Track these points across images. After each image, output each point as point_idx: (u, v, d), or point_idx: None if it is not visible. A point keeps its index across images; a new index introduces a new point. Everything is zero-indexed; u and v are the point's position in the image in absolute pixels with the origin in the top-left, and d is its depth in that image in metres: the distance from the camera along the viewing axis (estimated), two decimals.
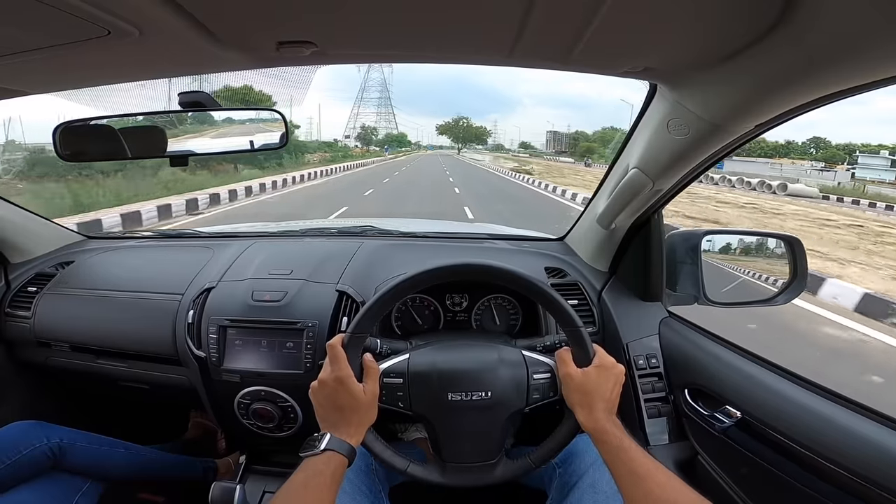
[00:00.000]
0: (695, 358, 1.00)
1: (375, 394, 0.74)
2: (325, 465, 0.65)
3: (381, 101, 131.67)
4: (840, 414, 0.73)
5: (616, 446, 0.68)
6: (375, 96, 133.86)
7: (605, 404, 0.73)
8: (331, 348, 0.73)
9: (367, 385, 0.73)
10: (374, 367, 0.76)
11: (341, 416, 0.71)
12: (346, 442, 0.68)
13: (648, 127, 0.87)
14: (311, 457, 0.66)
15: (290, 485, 0.62)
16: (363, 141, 79.05)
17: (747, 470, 0.84)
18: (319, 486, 0.62)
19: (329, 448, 0.66)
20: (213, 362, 1.12)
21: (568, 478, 0.86)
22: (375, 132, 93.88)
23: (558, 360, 0.78)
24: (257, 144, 1.06)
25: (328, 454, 0.66)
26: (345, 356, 0.73)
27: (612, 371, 0.76)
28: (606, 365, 0.76)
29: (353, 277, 1.20)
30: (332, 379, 0.71)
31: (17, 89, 0.77)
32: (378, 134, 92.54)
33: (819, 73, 0.54)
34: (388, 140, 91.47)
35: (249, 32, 0.60)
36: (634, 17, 0.53)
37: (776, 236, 1.17)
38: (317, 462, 0.65)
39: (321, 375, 0.72)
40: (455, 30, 0.60)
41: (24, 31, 0.53)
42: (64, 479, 1.03)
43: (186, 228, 1.74)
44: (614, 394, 0.75)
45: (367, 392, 0.73)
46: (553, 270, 1.26)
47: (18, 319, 1.28)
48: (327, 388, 0.71)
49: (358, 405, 0.71)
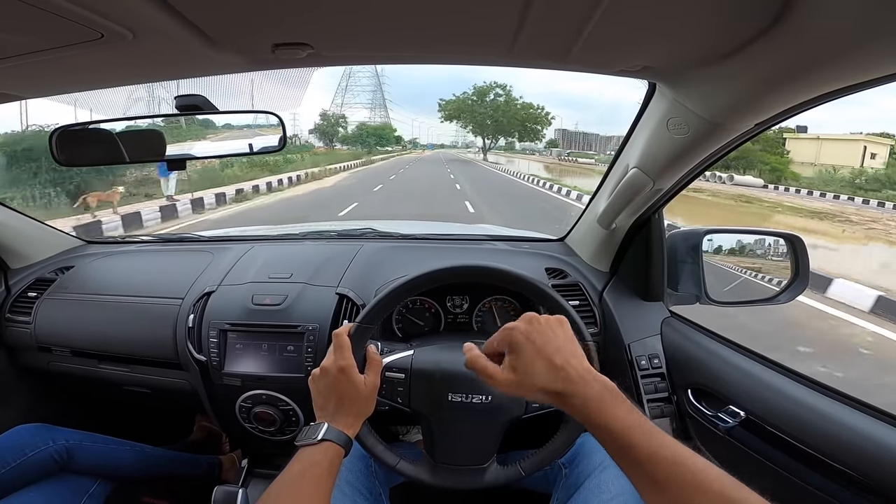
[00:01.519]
0: (698, 358, 0.99)
1: (376, 386, 0.74)
2: (322, 455, 0.63)
3: (373, 94, 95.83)
4: (845, 413, 0.72)
5: (622, 438, 0.51)
6: (365, 83, 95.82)
7: (573, 359, 0.57)
8: (336, 336, 0.72)
9: (369, 377, 0.73)
10: (377, 360, 0.75)
11: (340, 406, 0.70)
12: (343, 433, 0.67)
13: (648, 126, 0.87)
14: (307, 446, 0.64)
15: (285, 475, 0.60)
16: (324, 136, 52.47)
17: (752, 470, 0.83)
18: (316, 476, 0.60)
19: (326, 438, 0.64)
20: (213, 366, 1.11)
21: (574, 478, 0.86)
22: (344, 122, 57.86)
23: (486, 378, 0.60)
24: (256, 147, 1.05)
25: (325, 444, 0.64)
26: (350, 346, 0.72)
27: (521, 341, 0.58)
28: (510, 341, 0.59)
29: (353, 280, 1.20)
30: (336, 368, 0.70)
31: (10, 93, 0.77)
32: (347, 126, 57.82)
33: (819, 70, 0.54)
34: (362, 135, 58.95)
35: (244, 35, 0.59)
36: (632, 15, 0.53)
37: (777, 235, 1.16)
38: (314, 452, 0.63)
39: (324, 363, 0.71)
40: (452, 31, 0.60)
41: (17, 35, 0.53)
42: (71, 480, 1.03)
43: (186, 233, 1.73)
44: (571, 341, 0.60)
45: (367, 384, 0.72)
46: (554, 271, 1.25)
47: (19, 325, 1.28)
48: (329, 377, 0.70)
49: (358, 396, 0.70)
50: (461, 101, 57.57)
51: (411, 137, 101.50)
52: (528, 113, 57.64)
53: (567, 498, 0.84)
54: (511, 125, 57.32)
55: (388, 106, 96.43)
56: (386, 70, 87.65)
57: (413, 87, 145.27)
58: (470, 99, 57.20)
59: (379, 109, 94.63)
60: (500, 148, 70.32)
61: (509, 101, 57.24)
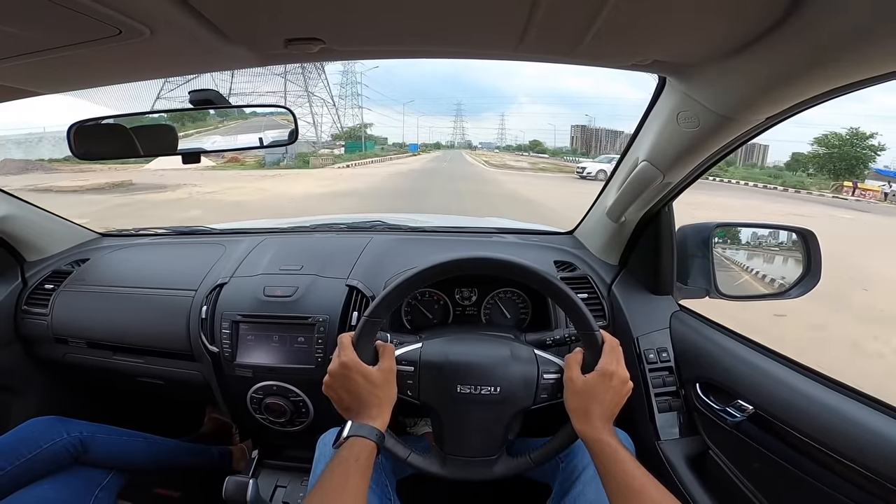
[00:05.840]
0: (706, 352, 0.99)
1: (392, 370, 0.76)
2: (348, 451, 0.66)
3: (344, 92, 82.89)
4: (853, 409, 0.72)
5: (611, 457, 0.67)
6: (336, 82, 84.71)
7: (601, 412, 0.71)
8: (338, 339, 0.76)
9: (383, 363, 0.75)
10: (388, 345, 0.78)
11: (358, 402, 0.72)
12: (366, 425, 0.70)
13: (658, 119, 0.86)
14: (338, 448, 0.68)
15: (319, 478, 0.65)
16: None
17: (759, 465, 0.83)
18: (344, 472, 0.64)
19: (350, 434, 0.68)
20: (226, 357, 1.13)
21: (570, 472, 0.87)
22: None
23: (566, 363, 0.77)
24: (266, 141, 1.07)
25: (350, 440, 0.68)
26: (350, 344, 0.74)
27: (616, 383, 0.73)
28: (611, 374, 0.73)
29: (362, 272, 1.21)
30: (338, 365, 0.72)
31: (29, 89, 0.78)
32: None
33: (832, 64, 0.53)
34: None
35: (258, 30, 0.60)
36: (643, 9, 0.52)
37: (790, 229, 1.15)
38: (341, 451, 0.67)
39: (329, 367, 0.74)
40: (462, 24, 0.60)
41: (37, 32, 0.54)
42: (84, 473, 1.05)
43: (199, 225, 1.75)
44: (614, 404, 0.73)
45: (382, 370, 0.74)
46: (562, 264, 1.26)
47: (36, 316, 1.30)
48: (337, 378, 0.72)
49: (372, 386, 0.72)
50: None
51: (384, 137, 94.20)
52: None
53: (567, 489, 0.85)
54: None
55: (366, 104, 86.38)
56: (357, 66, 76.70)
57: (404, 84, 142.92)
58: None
59: (351, 108, 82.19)
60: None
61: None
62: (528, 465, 0.79)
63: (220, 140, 1.15)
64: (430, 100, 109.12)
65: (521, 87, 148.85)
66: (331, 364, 0.74)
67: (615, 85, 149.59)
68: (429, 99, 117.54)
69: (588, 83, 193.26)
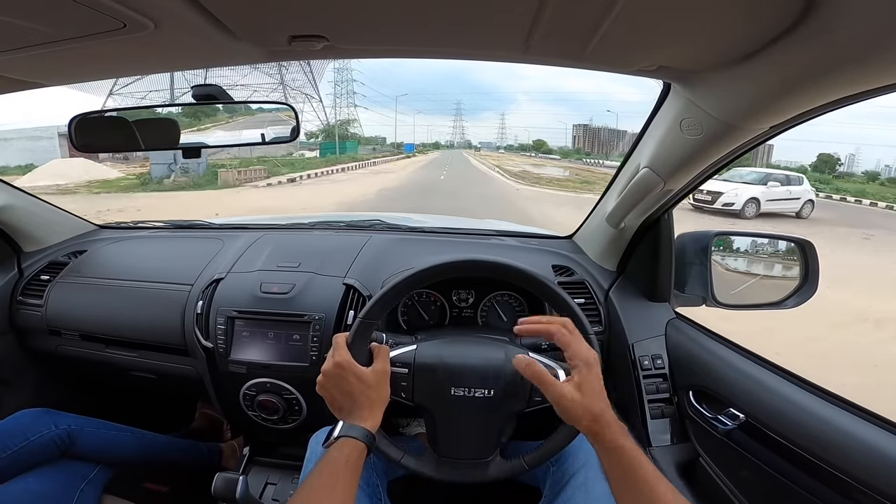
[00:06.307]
0: (700, 360, 0.99)
1: (386, 372, 0.75)
2: (337, 451, 0.66)
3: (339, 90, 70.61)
4: (843, 418, 0.72)
5: (633, 463, 0.61)
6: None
7: (609, 410, 0.65)
8: (333, 339, 0.76)
9: (377, 364, 0.75)
10: (383, 347, 0.78)
11: (351, 402, 0.72)
12: (357, 426, 0.69)
13: (661, 126, 0.86)
14: (328, 448, 0.68)
15: (307, 478, 0.65)
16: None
17: (748, 473, 0.83)
18: (332, 472, 0.64)
19: (341, 435, 0.68)
20: (220, 353, 1.13)
21: (561, 475, 0.87)
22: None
23: (542, 384, 0.66)
24: (268, 137, 1.06)
25: (341, 441, 0.67)
26: (344, 344, 0.74)
27: (592, 363, 0.66)
28: (587, 360, 0.66)
29: (360, 271, 1.21)
30: (332, 365, 0.72)
31: (33, 81, 0.78)
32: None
33: (840, 73, 0.53)
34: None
35: (263, 26, 0.60)
36: (650, 14, 0.52)
37: (788, 239, 1.15)
38: (331, 451, 0.67)
39: (323, 367, 0.73)
40: (468, 26, 0.60)
41: (42, 25, 0.54)
42: (71, 466, 1.04)
43: (197, 220, 1.74)
44: (605, 391, 0.67)
45: (375, 371, 0.74)
46: (560, 268, 1.26)
47: (30, 307, 1.30)
48: (331, 377, 0.72)
49: (365, 386, 0.72)
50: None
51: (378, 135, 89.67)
52: None
53: (557, 493, 0.85)
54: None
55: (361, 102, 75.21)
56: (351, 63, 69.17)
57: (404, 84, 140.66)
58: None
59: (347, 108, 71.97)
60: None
61: None
62: (521, 467, 0.79)
63: (222, 135, 1.15)
64: (431, 99, 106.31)
65: (522, 86, 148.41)
66: (325, 363, 0.74)
67: (619, 86, 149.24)
68: (429, 98, 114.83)
69: (588, 84, 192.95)
